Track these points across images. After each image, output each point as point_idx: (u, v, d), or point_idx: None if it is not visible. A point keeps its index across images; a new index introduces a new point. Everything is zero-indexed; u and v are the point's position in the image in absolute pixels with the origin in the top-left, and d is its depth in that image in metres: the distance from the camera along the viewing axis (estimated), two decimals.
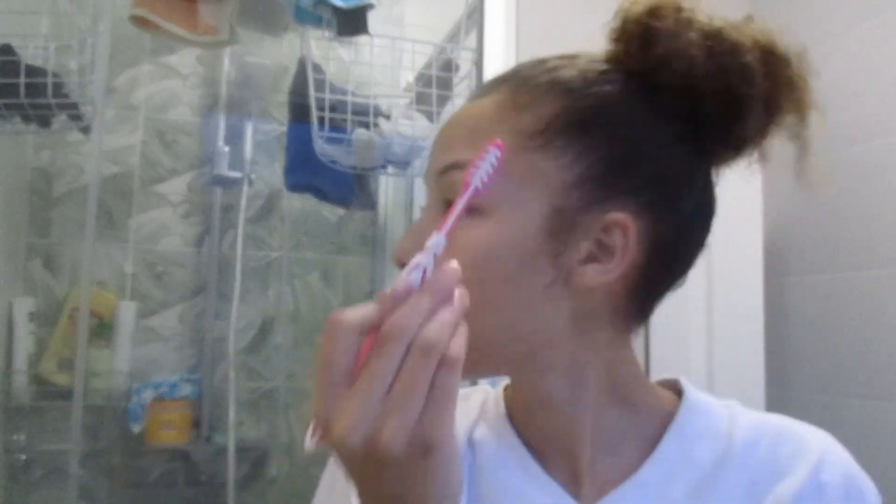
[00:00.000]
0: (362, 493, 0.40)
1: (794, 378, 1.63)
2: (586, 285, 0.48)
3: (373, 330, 0.38)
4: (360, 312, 0.38)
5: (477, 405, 0.59)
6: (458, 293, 0.39)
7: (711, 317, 1.51)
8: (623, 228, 0.47)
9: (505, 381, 0.59)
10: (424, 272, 0.39)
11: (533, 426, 0.54)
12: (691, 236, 0.52)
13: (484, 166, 0.42)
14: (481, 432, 0.56)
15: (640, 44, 0.50)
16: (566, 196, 0.47)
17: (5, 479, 1.72)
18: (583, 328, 0.49)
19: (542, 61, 0.53)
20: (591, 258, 0.48)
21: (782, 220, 1.67)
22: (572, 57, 0.53)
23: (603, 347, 0.51)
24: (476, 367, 0.47)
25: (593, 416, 0.51)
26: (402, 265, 0.43)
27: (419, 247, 0.41)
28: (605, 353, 0.51)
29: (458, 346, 0.38)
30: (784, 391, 1.62)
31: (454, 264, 0.39)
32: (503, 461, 0.53)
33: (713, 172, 0.53)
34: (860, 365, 1.48)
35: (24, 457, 1.72)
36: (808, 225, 1.63)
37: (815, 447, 0.51)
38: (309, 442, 0.40)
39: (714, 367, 1.49)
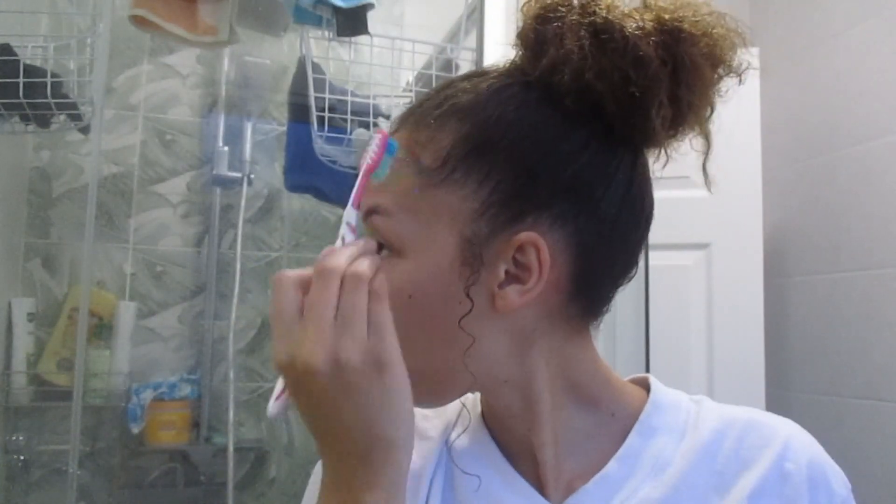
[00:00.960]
0: (330, 428, 0.44)
1: (794, 378, 1.63)
2: (509, 307, 0.48)
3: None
4: (298, 271, 0.46)
5: (455, 408, 0.59)
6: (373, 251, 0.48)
7: (711, 317, 1.51)
8: (534, 246, 0.47)
9: None
10: (344, 239, 0.48)
11: (501, 429, 0.55)
12: (620, 234, 0.51)
13: (370, 149, 0.48)
14: (457, 434, 0.57)
15: (532, 51, 0.50)
16: (474, 224, 0.47)
17: (4, 479, 1.71)
18: (524, 343, 0.50)
19: (446, 87, 0.53)
20: (512, 279, 0.48)
21: (782, 220, 1.67)
22: (480, 74, 0.53)
23: (553, 355, 0.51)
24: (436, 397, 0.52)
25: (552, 420, 0.52)
26: None
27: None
28: (556, 360, 0.51)
29: (381, 280, 0.45)
30: (784, 391, 1.62)
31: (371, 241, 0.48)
32: (477, 461, 0.54)
33: (640, 162, 0.52)
34: (860, 365, 1.48)
35: (22, 457, 1.72)
36: (808, 225, 1.63)
37: (780, 436, 0.51)
38: (272, 406, 0.45)
39: (714, 367, 1.49)
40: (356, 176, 0.49)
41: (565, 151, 0.48)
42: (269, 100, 1.99)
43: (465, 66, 1.41)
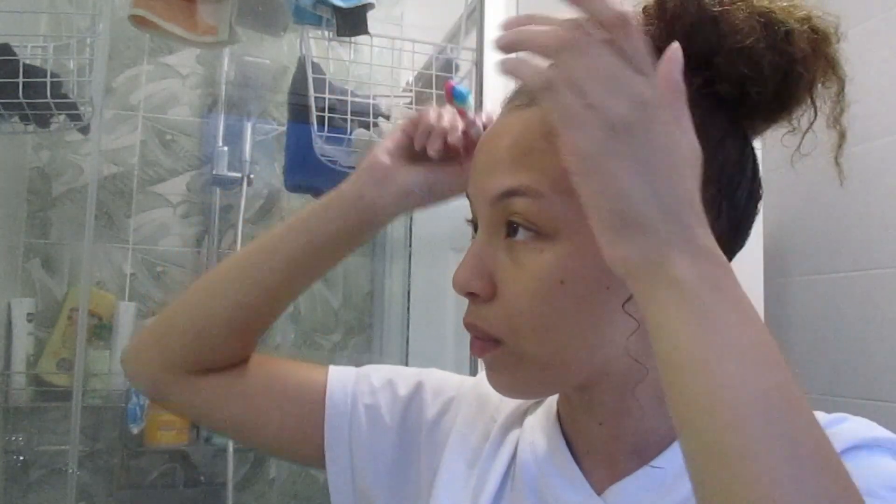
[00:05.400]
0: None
1: None
2: None
3: None
4: None
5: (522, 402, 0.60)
6: None
7: None
8: None
9: None
10: None
11: (576, 424, 0.54)
12: (746, 223, 0.51)
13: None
14: (533, 415, 0.58)
15: (704, 36, 0.47)
16: None
17: (4, 479, 1.71)
18: (628, 314, 0.48)
19: None
20: None
21: (782, 220, 1.67)
22: None
23: None
24: (546, 388, 0.52)
25: (638, 424, 0.50)
26: (465, 294, 0.48)
27: (478, 273, 0.47)
28: None
29: None
30: None
31: None
32: (543, 447, 0.54)
33: (754, 151, 0.52)
34: (860, 365, 1.48)
35: (22, 457, 1.72)
36: (808, 225, 1.63)
37: None
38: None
39: None
40: None
41: (716, 137, 0.47)
42: (269, 100, 1.98)
43: (465, 67, 1.41)
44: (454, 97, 0.53)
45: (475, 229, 0.51)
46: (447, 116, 0.58)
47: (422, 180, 0.59)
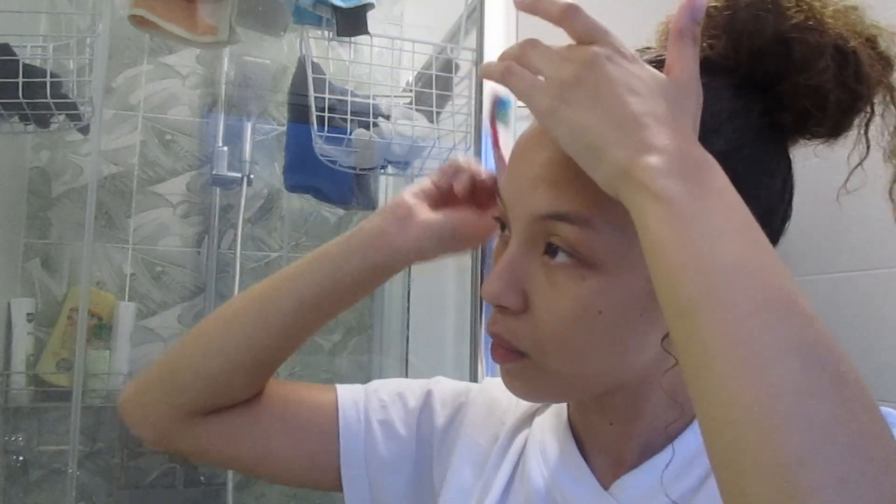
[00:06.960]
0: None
1: None
2: None
3: None
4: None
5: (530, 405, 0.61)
6: None
7: None
8: None
9: None
10: None
11: (586, 423, 0.54)
12: (776, 244, 0.51)
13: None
14: (543, 415, 0.58)
15: (773, 60, 0.45)
16: None
17: (4, 479, 1.71)
18: (667, 351, 0.47)
19: None
20: None
21: None
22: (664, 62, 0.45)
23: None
24: (562, 396, 0.53)
25: (649, 424, 0.50)
26: (495, 305, 0.47)
27: (511, 286, 0.46)
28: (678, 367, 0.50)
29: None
30: None
31: None
32: (552, 446, 0.55)
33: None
34: (860, 365, 1.47)
35: (22, 458, 1.71)
36: (808, 225, 1.63)
37: None
38: None
39: None
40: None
41: (766, 171, 0.47)
42: (269, 100, 1.98)
43: (466, 66, 1.41)
44: (498, 108, 0.54)
45: (503, 228, 0.50)
46: (477, 163, 0.60)
47: (444, 223, 0.58)
